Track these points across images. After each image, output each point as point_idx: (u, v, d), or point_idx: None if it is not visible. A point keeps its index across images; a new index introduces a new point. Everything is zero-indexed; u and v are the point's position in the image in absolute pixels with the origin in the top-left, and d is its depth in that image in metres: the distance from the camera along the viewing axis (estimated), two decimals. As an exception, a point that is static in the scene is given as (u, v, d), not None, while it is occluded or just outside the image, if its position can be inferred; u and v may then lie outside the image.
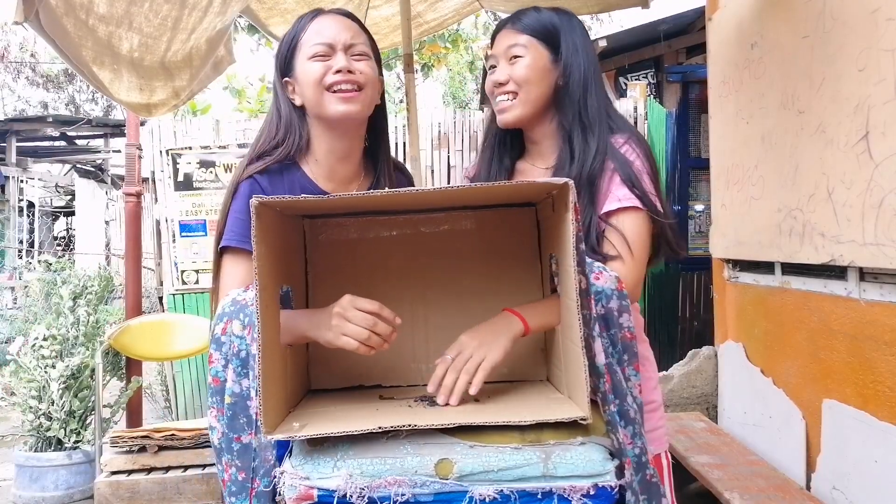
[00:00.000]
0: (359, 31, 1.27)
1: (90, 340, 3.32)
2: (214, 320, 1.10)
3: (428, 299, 1.19)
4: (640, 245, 1.20)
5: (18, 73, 11.85)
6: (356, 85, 1.22)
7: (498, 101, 1.30)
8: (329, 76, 1.21)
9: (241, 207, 1.18)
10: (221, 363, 1.06)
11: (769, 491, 2.15)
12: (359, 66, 1.23)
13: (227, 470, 1.06)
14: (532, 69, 1.27)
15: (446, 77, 10.47)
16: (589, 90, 1.28)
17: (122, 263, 3.81)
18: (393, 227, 1.21)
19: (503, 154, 1.39)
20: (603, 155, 1.25)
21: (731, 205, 2.79)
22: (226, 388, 1.05)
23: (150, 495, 2.51)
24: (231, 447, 1.04)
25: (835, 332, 2.10)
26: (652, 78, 5.29)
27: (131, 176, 3.46)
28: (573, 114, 1.28)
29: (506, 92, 1.28)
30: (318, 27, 1.24)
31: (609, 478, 0.92)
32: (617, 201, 1.21)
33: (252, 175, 1.21)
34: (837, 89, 1.95)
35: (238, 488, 1.05)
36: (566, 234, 0.94)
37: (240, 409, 1.04)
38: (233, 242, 1.18)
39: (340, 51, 1.22)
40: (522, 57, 1.28)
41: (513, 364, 1.19)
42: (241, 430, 1.04)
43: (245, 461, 1.04)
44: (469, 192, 1.03)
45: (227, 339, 1.06)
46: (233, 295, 1.10)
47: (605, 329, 1.04)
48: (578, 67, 1.28)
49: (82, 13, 1.72)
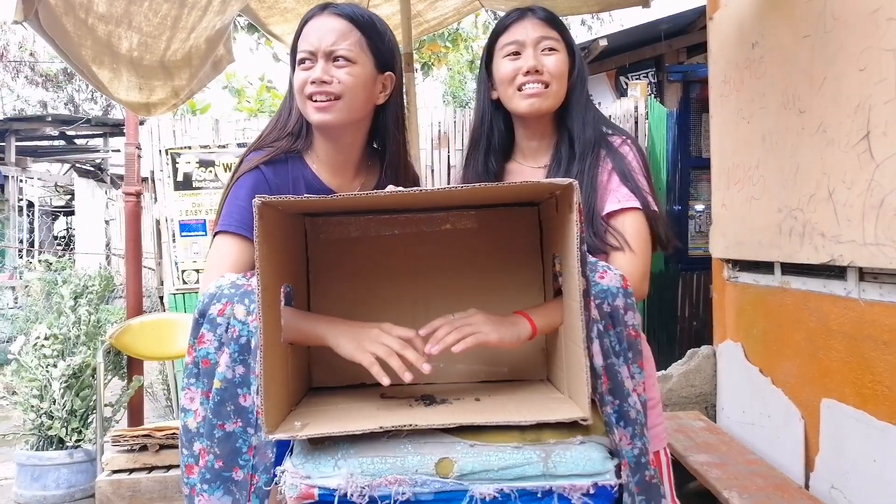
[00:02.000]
0: (347, 33, 1.21)
1: (91, 340, 3.32)
2: (207, 299, 1.05)
3: (429, 299, 1.19)
4: (643, 242, 1.24)
5: (18, 72, 11.83)
6: (331, 95, 1.20)
7: (528, 87, 1.29)
8: (308, 86, 1.20)
9: (245, 196, 1.17)
10: (215, 345, 1.02)
11: (768, 490, 2.16)
12: (338, 73, 1.20)
13: (202, 456, 1.02)
14: (564, 65, 1.31)
15: (446, 76, 10.46)
16: (590, 96, 1.34)
17: (123, 263, 3.81)
18: (395, 226, 1.21)
19: (495, 154, 1.40)
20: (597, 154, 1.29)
21: (731, 204, 2.79)
22: (216, 372, 1.01)
23: (151, 494, 2.52)
24: (212, 433, 1.01)
25: (834, 331, 2.10)
26: (653, 77, 5.28)
27: (131, 175, 3.46)
28: (580, 116, 1.32)
29: (540, 80, 1.28)
30: (307, 31, 1.23)
31: (609, 477, 0.93)
32: (617, 202, 1.25)
33: (258, 166, 1.21)
34: (838, 89, 1.95)
35: (213, 476, 1.01)
36: (570, 235, 0.95)
37: (229, 397, 1.00)
38: (231, 228, 1.17)
39: (321, 58, 1.20)
40: (557, 52, 1.30)
41: (514, 364, 1.19)
42: (227, 417, 1.01)
43: (224, 450, 1.01)
44: (472, 193, 1.03)
45: (223, 322, 1.02)
46: (232, 278, 1.07)
47: (612, 327, 1.04)
48: (584, 73, 1.34)
49: (82, 12, 1.72)
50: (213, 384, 1.02)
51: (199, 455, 1.03)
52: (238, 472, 1.02)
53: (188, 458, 1.05)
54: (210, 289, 1.07)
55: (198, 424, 1.04)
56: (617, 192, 1.25)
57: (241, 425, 1.01)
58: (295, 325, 1.05)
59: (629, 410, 1.01)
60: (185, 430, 1.06)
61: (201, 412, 1.03)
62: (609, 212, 1.24)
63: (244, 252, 1.16)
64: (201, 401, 1.03)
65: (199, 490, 1.02)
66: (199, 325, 1.05)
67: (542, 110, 1.30)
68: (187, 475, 1.05)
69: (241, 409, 1.01)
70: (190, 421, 1.05)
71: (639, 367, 1.06)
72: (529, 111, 1.30)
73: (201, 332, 1.04)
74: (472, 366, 1.20)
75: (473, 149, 1.42)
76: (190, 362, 1.05)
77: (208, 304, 1.05)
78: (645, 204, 1.25)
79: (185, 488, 1.06)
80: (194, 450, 1.05)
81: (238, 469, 1.02)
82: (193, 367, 1.05)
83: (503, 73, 1.32)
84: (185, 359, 1.07)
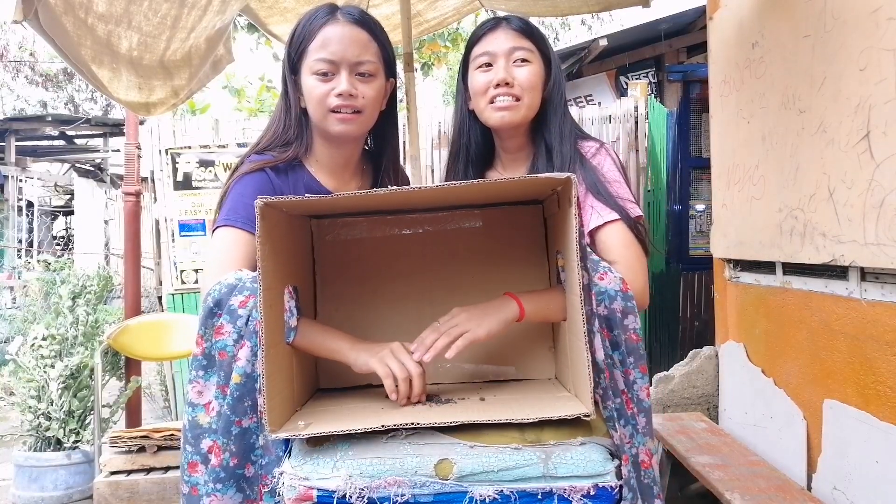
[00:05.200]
0: (368, 43, 1.21)
1: (89, 340, 3.32)
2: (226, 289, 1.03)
3: (434, 298, 1.19)
4: (632, 252, 1.21)
5: (17, 72, 11.83)
6: (355, 108, 1.20)
7: (499, 100, 1.28)
8: (331, 98, 1.18)
9: (251, 194, 1.15)
10: (234, 337, 1.00)
11: (770, 491, 2.15)
12: (362, 88, 1.20)
13: (215, 454, 0.99)
14: (538, 77, 1.29)
15: (446, 76, 10.47)
16: (566, 104, 1.33)
17: (122, 263, 3.81)
18: (399, 226, 1.21)
19: (474, 165, 1.39)
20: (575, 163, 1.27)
21: (731, 204, 2.79)
22: (235, 365, 0.99)
23: (149, 495, 2.51)
24: (229, 430, 0.98)
25: (836, 332, 2.09)
26: (653, 77, 5.28)
27: (130, 175, 3.46)
28: (557, 129, 1.30)
29: (510, 94, 1.27)
30: (325, 38, 1.18)
31: (609, 478, 0.92)
32: (598, 217, 1.22)
33: (263, 168, 1.20)
34: (838, 89, 1.94)
35: (228, 475, 0.98)
36: (569, 229, 0.95)
37: (248, 392, 0.98)
38: (238, 223, 1.15)
39: (345, 70, 1.18)
40: (530, 63, 1.28)
41: (521, 363, 1.19)
42: (244, 413, 0.99)
43: (240, 447, 0.99)
44: (475, 189, 1.03)
45: (245, 314, 1.00)
46: (253, 273, 1.06)
47: (609, 331, 1.04)
48: (561, 84, 1.32)
49: (81, 12, 1.72)
50: (232, 379, 0.99)
51: (210, 452, 1.00)
52: (250, 469, 1.01)
53: (192, 455, 1.02)
54: (228, 279, 1.04)
55: (211, 420, 1.01)
56: (596, 207, 1.23)
57: (257, 421, 1.00)
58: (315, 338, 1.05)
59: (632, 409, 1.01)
60: (193, 426, 1.02)
61: (216, 407, 1.00)
62: (592, 228, 1.22)
63: (251, 246, 1.14)
64: (215, 395, 1.00)
65: (210, 490, 0.99)
66: (213, 314, 1.02)
67: (512, 123, 1.29)
68: (189, 473, 1.02)
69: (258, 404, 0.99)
70: (201, 416, 1.01)
71: (641, 373, 1.06)
72: (500, 124, 1.30)
73: (219, 323, 1.01)
74: (479, 365, 1.20)
75: (454, 160, 1.41)
76: (199, 353, 1.02)
77: (227, 294, 1.02)
78: (624, 214, 1.23)
79: (185, 487, 1.03)
80: (201, 447, 1.01)
81: (250, 465, 1.01)
82: (203, 358, 1.02)
83: (475, 86, 1.31)
84: (194, 350, 1.03)
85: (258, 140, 1.28)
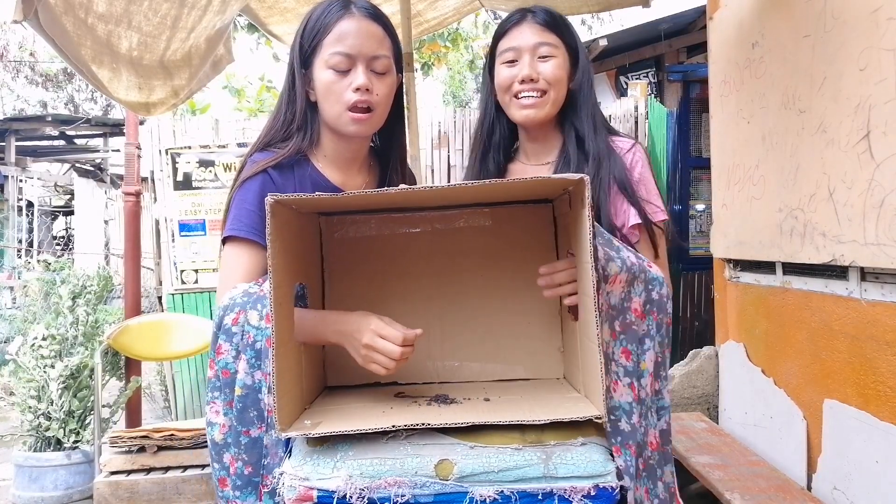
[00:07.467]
0: (384, 38, 1.20)
1: (89, 340, 3.31)
2: (222, 311, 1.07)
3: (443, 296, 1.19)
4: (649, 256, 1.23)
5: (17, 72, 11.81)
6: (370, 105, 1.18)
7: (524, 97, 1.28)
8: (348, 93, 1.17)
9: (253, 199, 1.15)
10: (232, 354, 1.04)
11: (770, 491, 2.15)
12: (378, 85, 1.19)
13: (232, 465, 1.04)
14: (563, 70, 1.29)
15: (446, 76, 10.47)
16: (595, 95, 1.33)
17: (122, 263, 3.81)
18: (409, 224, 1.21)
19: (498, 155, 1.39)
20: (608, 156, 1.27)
21: (732, 204, 2.79)
22: (237, 379, 1.03)
23: (149, 495, 2.51)
24: (239, 441, 1.03)
25: (836, 332, 2.09)
26: (653, 77, 5.28)
27: (130, 175, 3.46)
28: (587, 113, 1.30)
29: (536, 89, 1.27)
30: (342, 31, 1.17)
31: (610, 478, 0.92)
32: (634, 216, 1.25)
33: (265, 169, 1.19)
34: (838, 89, 1.94)
35: (244, 483, 1.03)
36: (583, 230, 0.94)
37: (251, 402, 1.02)
38: (241, 233, 1.15)
39: (361, 65, 1.17)
40: (555, 57, 1.28)
41: (529, 363, 1.19)
42: (251, 423, 1.02)
43: (252, 455, 1.03)
44: (486, 189, 1.03)
45: (238, 330, 1.04)
46: (243, 287, 1.08)
47: (658, 314, 1.08)
48: (590, 74, 1.33)
49: (81, 12, 1.72)
50: (235, 392, 1.03)
51: (230, 464, 1.05)
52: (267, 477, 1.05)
53: (220, 471, 1.07)
54: (224, 301, 1.08)
55: (224, 435, 1.05)
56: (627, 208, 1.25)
57: (265, 429, 1.03)
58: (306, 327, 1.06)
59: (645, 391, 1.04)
60: (214, 444, 1.07)
61: (226, 422, 1.05)
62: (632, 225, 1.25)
63: (255, 259, 1.15)
64: (224, 411, 1.05)
65: (231, 497, 1.04)
66: (216, 337, 1.07)
67: (537, 120, 1.29)
68: (221, 489, 1.07)
69: (264, 413, 1.02)
70: (216, 434, 1.06)
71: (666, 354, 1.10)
72: (525, 121, 1.30)
73: (219, 344, 1.06)
74: (487, 365, 1.20)
75: (477, 149, 1.41)
76: (212, 376, 1.07)
77: (223, 315, 1.06)
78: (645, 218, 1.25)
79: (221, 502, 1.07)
80: (224, 461, 1.06)
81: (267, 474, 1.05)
82: (216, 380, 1.06)
83: (500, 80, 1.31)
84: (209, 373, 1.09)
85: (259, 137, 1.27)
